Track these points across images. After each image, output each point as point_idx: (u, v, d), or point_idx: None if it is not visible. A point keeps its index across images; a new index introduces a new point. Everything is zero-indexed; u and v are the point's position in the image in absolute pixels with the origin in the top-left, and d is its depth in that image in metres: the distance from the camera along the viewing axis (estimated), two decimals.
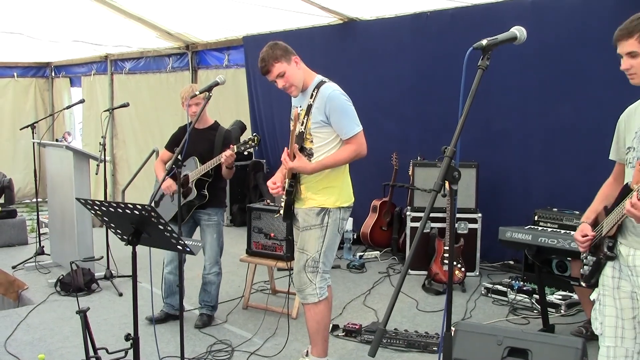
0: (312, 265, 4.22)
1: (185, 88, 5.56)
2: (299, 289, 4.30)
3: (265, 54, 4.12)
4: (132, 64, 12.98)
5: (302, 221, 4.26)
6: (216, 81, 4.19)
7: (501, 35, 2.56)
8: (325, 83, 4.21)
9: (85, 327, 4.07)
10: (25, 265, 7.50)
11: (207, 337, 5.29)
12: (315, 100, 4.13)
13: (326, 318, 4.38)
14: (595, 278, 3.19)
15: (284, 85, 4.18)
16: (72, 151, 6.75)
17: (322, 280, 4.26)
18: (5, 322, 5.69)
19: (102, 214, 3.40)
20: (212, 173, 5.36)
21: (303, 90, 4.26)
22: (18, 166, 15.36)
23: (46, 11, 10.02)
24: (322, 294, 4.27)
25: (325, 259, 4.25)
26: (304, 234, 4.26)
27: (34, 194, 15.45)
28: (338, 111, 4.10)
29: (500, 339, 3.86)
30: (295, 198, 4.28)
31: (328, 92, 4.13)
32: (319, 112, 4.11)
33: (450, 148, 2.35)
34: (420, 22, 7.64)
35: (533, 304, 5.85)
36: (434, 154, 7.34)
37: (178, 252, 3.53)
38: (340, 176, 4.29)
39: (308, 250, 4.22)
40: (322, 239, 4.21)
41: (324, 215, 4.20)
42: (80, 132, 15.88)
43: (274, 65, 4.11)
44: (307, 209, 4.23)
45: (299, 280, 4.28)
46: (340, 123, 4.11)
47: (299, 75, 4.20)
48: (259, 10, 8.52)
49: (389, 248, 7.92)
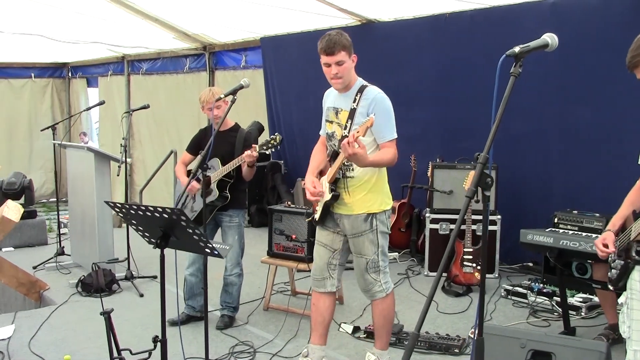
0: (373, 267, 4.31)
1: (205, 92, 5.58)
2: (365, 289, 4.41)
3: (336, 37, 4.09)
4: (149, 64, 13.03)
5: (351, 228, 4.29)
6: (241, 84, 4.21)
7: (533, 42, 2.57)
8: (369, 86, 4.23)
9: (109, 328, 4.09)
10: (45, 266, 7.58)
11: (229, 339, 5.31)
12: (359, 104, 4.14)
13: (392, 312, 4.52)
14: (623, 281, 3.19)
15: (336, 74, 4.13)
16: (93, 152, 6.80)
17: (385, 276, 4.37)
18: (28, 322, 5.74)
19: (131, 217, 3.43)
20: (233, 174, 5.38)
21: (345, 90, 4.26)
22: (34, 166, 15.45)
23: (65, 13, 10.08)
24: (388, 287, 4.40)
25: (383, 256, 4.35)
26: (356, 240, 4.30)
27: (50, 194, 15.70)
28: (382, 113, 4.10)
29: (523, 342, 3.86)
30: (338, 203, 4.29)
31: (374, 94, 4.16)
32: (362, 114, 4.11)
33: (483, 155, 2.36)
34: (439, 24, 7.63)
35: (553, 307, 5.84)
36: (453, 156, 7.35)
37: (206, 255, 3.55)
38: (381, 180, 4.32)
39: (366, 255, 4.30)
40: (376, 240, 4.28)
41: (372, 219, 4.25)
42: (97, 133, 15.95)
43: (340, 52, 4.07)
44: (354, 215, 4.26)
45: (363, 282, 4.38)
46: (381, 125, 4.10)
47: (352, 72, 4.21)
48: (277, 12, 8.54)
49: (407, 249, 7.92)
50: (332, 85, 4.28)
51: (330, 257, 4.43)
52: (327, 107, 4.44)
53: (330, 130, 4.35)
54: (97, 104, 8.02)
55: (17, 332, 5.49)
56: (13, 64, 15.10)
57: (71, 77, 16.07)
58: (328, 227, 4.43)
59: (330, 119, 4.37)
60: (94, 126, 16.49)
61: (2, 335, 5.30)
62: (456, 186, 6.88)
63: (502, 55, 2.50)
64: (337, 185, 4.26)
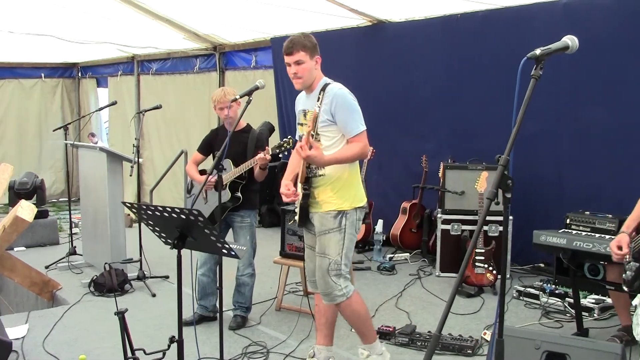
0: (335, 269, 4.23)
1: (217, 92, 5.57)
2: (325, 292, 4.31)
3: (297, 38, 4.17)
4: (158, 64, 13.05)
5: (320, 225, 4.27)
6: (256, 85, 4.22)
7: (554, 44, 2.57)
8: (331, 84, 4.24)
9: (123, 328, 4.10)
10: (58, 265, 7.60)
11: (242, 339, 5.32)
12: (322, 102, 4.15)
13: (362, 308, 4.43)
14: (638, 283, 3.19)
15: (295, 73, 4.19)
16: (105, 153, 6.81)
17: (345, 280, 4.29)
18: (41, 321, 5.77)
19: (147, 218, 3.44)
20: (245, 176, 5.40)
21: (310, 92, 4.30)
22: (44, 166, 15.49)
23: (75, 13, 10.12)
24: (349, 291, 4.30)
25: (346, 260, 4.29)
26: (322, 238, 4.27)
27: (60, 193, 15.75)
28: (343, 109, 4.13)
29: (538, 344, 3.86)
30: (310, 202, 4.29)
31: (334, 90, 4.17)
32: (326, 112, 4.13)
33: (504, 157, 2.37)
34: (450, 25, 7.63)
35: (565, 308, 5.83)
36: (463, 156, 7.35)
37: (223, 255, 3.56)
38: (352, 177, 4.30)
39: (329, 254, 4.24)
40: (342, 241, 4.23)
41: (342, 217, 4.22)
42: (106, 133, 15.98)
43: (299, 51, 4.13)
44: (323, 212, 4.25)
45: (324, 285, 4.29)
46: (345, 121, 4.13)
47: (313, 74, 4.22)
48: (287, 12, 8.55)
49: (418, 250, 7.93)
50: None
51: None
52: (298, 111, 4.48)
53: (300, 133, 4.39)
54: (109, 105, 8.05)
55: (30, 331, 5.52)
56: (23, 64, 15.15)
57: (81, 77, 16.10)
58: (310, 229, 4.43)
59: (300, 122, 4.42)
60: (104, 126, 16.53)
61: (16, 335, 5.32)
62: (468, 187, 6.87)
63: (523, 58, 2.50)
64: (309, 184, 4.26)
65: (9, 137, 15.27)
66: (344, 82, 4.34)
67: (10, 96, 15.17)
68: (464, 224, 6.91)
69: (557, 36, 6.69)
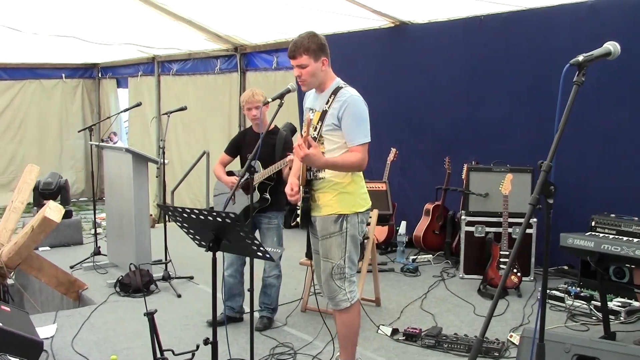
0: (338, 273, 4.21)
1: (246, 92, 5.60)
2: (330, 296, 4.30)
3: (300, 41, 4.09)
4: (179, 65, 13.11)
5: (321, 229, 4.24)
6: (288, 88, 4.23)
7: (596, 51, 2.57)
8: (344, 88, 4.16)
9: (153, 328, 4.13)
10: (82, 265, 7.65)
11: (269, 340, 5.34)
12: (331, 105, 4.09)
13: (356, 322, 4.40)
14: None
15: (299, 76, 4.15)
16: (131, 154, 6.83)
17: (350, 284, 4.26)
18: (69, 321, 5.82)
19: (182, 220, 3.46)
20: (274, 177, 5.43)
21: (320, 91, 4.24)
22: (65, 166, 15.64)
23: (98, 15, 10.20)
24: (353, 297, 4.27)
25: (350, 263, 4.24)
26: (325, 242, 4.23)
27: (80, 193, 15.88)
28: (352, 116, 4.06)
29: (567, 347, 3.85)
30: (312, 205, 4.26)
31: (347, 95, 4.10)
32: (333, 116, 4.08)
33: (546, 163, 2.39)
34: (473, 26, 7.63)
35: (591, 310, 5.81)
36: (486, 158, 7.35)
37: (258, 258, 3.58)
38: (353, 182, 4.22)
39: (332, 258, 4.21)
40: (344, 245, 4.19)
41: (342, 221, 4.17)
42: (126, 132, 16.07)
43: (301, 55, 4.07)
44: (324, 216, 4.21)
45: (328, 289, 4.28)
46: (350, 128, 4.07)
47: (319, 76, 4.15)
48: (309, 13, 8.57)
49: (441, 251, 7.94)
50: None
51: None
52: (305, 108, 4.42)
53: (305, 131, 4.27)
54: (134, 106, 8.07)
55: (59, 331, 5.57)
56: (44, 65, 15.29)
57: (101, 78, 16.22)
58: (314, 233, 4.41)
59: (305, 121, 4.34)
60: (124, 126, 16.64)
61: (46, 334, 5.36)
62: (492, 189, 6.86)
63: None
64: (310, 187, 4.22)
65: (30, 137, 15.41)
66: (365, 83, 4.34)
67: (31, 97, 15.32)
68: (488, 226, 6.91)
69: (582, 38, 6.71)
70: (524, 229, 2.44)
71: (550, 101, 6.97)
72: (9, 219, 6.60)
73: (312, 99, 4.33)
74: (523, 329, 4.42)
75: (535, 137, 7.15)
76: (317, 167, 4.10)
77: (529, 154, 7.08)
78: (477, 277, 6.80)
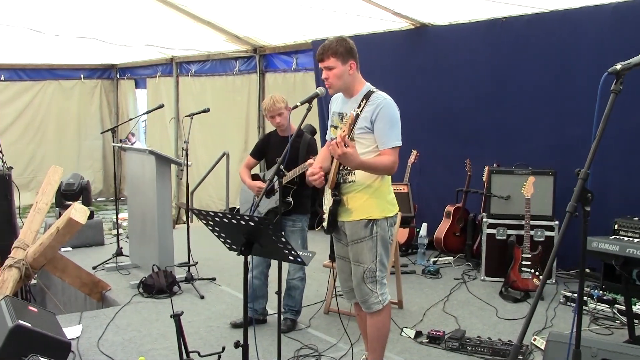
0: (370, 276, 4.21)
1: (266, 100, 5.60)
2: (362, 300, 4.30)
3: (328, 45, 4.13)
4: (197, 66, 13.17)
5: (351, 234, 4.24)
6: (316, 92, 4.24)
7: (633, 59, 2.57)
8: (375, 92, 4.18)
9: (179, 330, 4.17)
10: (105, 266, 7.70)
11: (293, 342, 5.37)
12: (363, 109, 4.09)
13: (387, 325, 4.41)
14: None
15: (326, 79, 4.18)
16: (154, 156, 6.86)
17: (382, 287, 4.28)
18: (94, 322, 5.87)
19: (214, 224, 3.49)
20: (297, 180, 5.45)
21: (349, 96, 4.26)
22: (83, 166, 15.78)
23: (118, 16, 10.27)
24: (385, 299, 4.29)
25: (381, 266, 4.25)
26: (355, 247, 4.23)
27: (98, 193, 16.00)
28: (385, 119, 4.07)
29: (594, 351, 3.86)
30: (340, 210, 4.25)
31: (380, 99, 4.10)
32: (366, 119, 4.08)
33: (584, 171, 2.40)
34: (495, 28, 7.61)
35: (615, 314, 5.79)
36: (507, 160, 7.35)
37: (290, 262, 3.60)
38: (383, 185, 4.23)
39: (363, 262, 4.21)
40: (374, 249, 4.19)
41: (372, 225, 4.17)
42: (144, 133, 16.17)
43: (329, 58, 4.11)
44: (354, 221, 4.21)
45: (360, 292, 4.28)
46: (383, 131, 4.07)
47: (347, 79, 4.17)
48: (329, 15, 8.58)
49: (462, 254, 7.93)
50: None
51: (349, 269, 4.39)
52: (332, 112, 4.44)
53: (334, 135, 4.22)
54: (156, 108, 8.11)
55: (84, 332, 5.62)
56: (63, 66, 15.43)
57: (119, 78, 16.32)
58: (339, 238, 4.42)
59: (335, 124, 4.36)
60: (141, 126, 16.74)
61: (71, 335, 5.40)
62: (514, 191, 6.86)
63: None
64: (339, 190, 4.21)
65: (49, 137, 15.57)
66: (385, 84, 4.33)
67: (50, 97, 15.48)
68: (509, 229, 6.90)
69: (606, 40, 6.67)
70: (562, 237, 2.44)
71: (573, 103, 7.01)
72: (34, 220, 6.67)
73: (341, 103, 4.35)
74: (549, 333, 4.42)
75: (557, 140, 7.14)
76: (352, 167, 4.08)
77: (550, 156, 7.10)
78: (499, 279, 6.80)
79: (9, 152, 7.69)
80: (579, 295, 2.56)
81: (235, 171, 11.54)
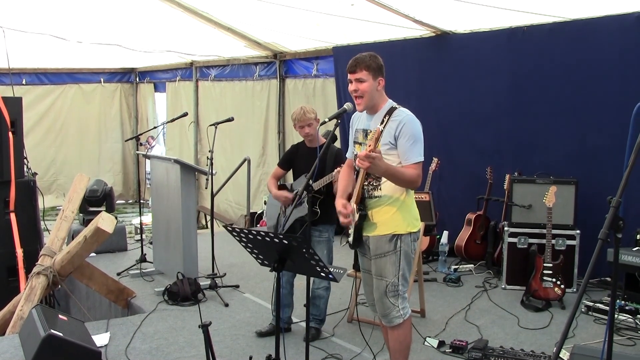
0: (392, 290, 4.26)
1: (297, 110, 5.67)
2: (383, 314, 4.35)
3: (361, 58, 4.21)
4: (217, 71, 13.25)
5: (375, 249, 4.29)
6: (344, 108, 4.33)
7: None
8: (398, 108, 4.24)
9: (207, 340, 4.24)
10: (129, 272, 7.80)
11: (317, 351, 5.41)
12: (386, 125, 4.14)
13: (408, 338, 4.46)
14: None
15: (355, 90, 4.22)
16: (179, 165, 6.92)
17: (403, 301, 4.33)
18: (121, 329, 5.94)
19: (247, 241, 3.56)
20: (324, 190, 5.50)
21: (373, 112, 4.32)
22: (102, 169, 15.94)
23: (139, 22, 10.38)
24: (406, 313, 4.34)
25: (403, 280, 4.30)
26: (378, 261, 4.28)
27: (117, 196, 16.04)
28: (408, 135, 4.12)
29: None
30: (365, 225, 4.32)
31: (403, 115, 4.17)
32: (389, 135, 4.14)
33: (615, 199, 2.44)
34: (516, 37, 7.63)
35: (637, 324, 5.82)
36: (527, 169, 7.38)
37: (321, 278, 3.66)
38: (408, 201, 4.30)
39: (386, 277, 4.26)
40: (397, 263, 4.24)
41: (397, 240, 4.23)
42: (164, 137, 16.29)
43: (362, 70, 4.18)
44: (379, 236, 4.27)
45: (382, 306, 4.33)
46: (406, 147, 4.12)
47: (374, 95, 4.24)
48: (350, 22, 8.62)
49: (482, 261, 7.97)
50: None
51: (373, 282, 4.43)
52: (355, 129, 4.50)
53: (358, 152, 4.30)
54: (180, 116, 8.16)
55: (112, 339, 5.69)
56: (83, 70, 15.58)
57: (139, 82, 16.45)
58: (363, 252, 4.48)
59: (359, 141, 4.42)
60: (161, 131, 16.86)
61: (100, 343, 5.48)
62: (535, 200, 6.89)
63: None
64: (364, 205, 4.28)
65: (70, 140, 15.72)
66: (406, 92, 4.39)
67: (71, 101, 15.62)
68: (531, 237, 6.93)
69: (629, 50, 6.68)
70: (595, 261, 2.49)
71: (594, 112, 7.02)
72: (60, 227, 6.78)
73: (364, 120, 4.42)
74: (573, 345, 4.47)
75: (578, 149, 7.16)
76: (379, 174, 4.11)
77: (571, 165, 7.11)
78: (520, 287, 6.84)
79: (31, 156, 7.77)
80: (610, 313, 2.62)
81: (254, 176, 11.63)
